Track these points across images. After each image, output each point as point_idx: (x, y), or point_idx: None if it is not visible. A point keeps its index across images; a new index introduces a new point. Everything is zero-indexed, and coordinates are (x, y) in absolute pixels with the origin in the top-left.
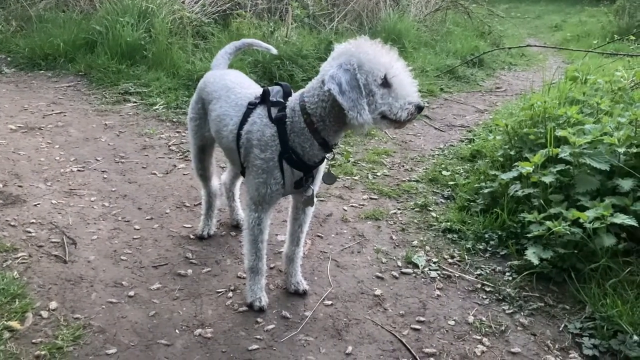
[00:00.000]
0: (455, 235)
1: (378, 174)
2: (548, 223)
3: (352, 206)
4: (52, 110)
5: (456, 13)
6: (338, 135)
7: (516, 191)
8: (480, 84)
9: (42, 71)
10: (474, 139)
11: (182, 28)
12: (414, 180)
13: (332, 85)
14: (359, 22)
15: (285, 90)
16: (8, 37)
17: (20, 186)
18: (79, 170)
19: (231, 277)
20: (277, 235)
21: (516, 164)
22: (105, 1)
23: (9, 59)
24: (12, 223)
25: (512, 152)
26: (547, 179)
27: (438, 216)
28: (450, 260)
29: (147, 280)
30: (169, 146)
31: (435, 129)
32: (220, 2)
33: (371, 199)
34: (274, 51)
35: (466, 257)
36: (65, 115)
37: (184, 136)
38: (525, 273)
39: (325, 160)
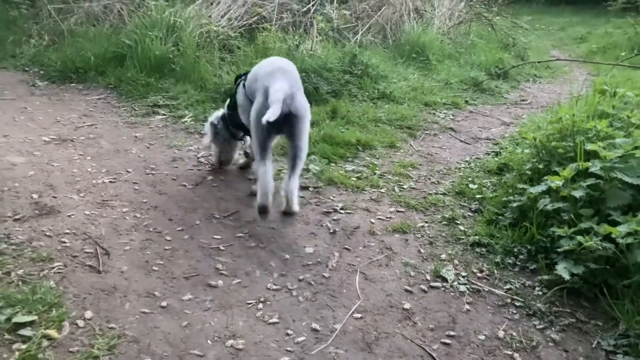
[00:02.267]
0: (483, 249)
1: (405, 186)
2: (579, 238)
3: (379, 219)
4: (84, 123)
5: (480, 25)
6: None
7: (545, 205)
8: (505, 96)
9: (73, 84)
10: (500, 152)
11: (209, 42)
12: (440, 193)
13: None
14: (383, 34)
15: None
16: (41, 51)
17: (54, 197)
18: (110, 182)
19: (261, 289)
20: (305, 247)
21: (545, 177)
22: (135, 15)
23: (41, 72)
24: (48, 233)
25: (541, 166)
26: (578, 193)
27: (466, 229)
28: (479, 274)
29: (179, 291)
30: (198, 158)
31: (461, 141)
32: (247, 16)
33: (398, 211)
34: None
35: (495, 271)
36: (96, 128)
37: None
38: (555, 288)
39: None
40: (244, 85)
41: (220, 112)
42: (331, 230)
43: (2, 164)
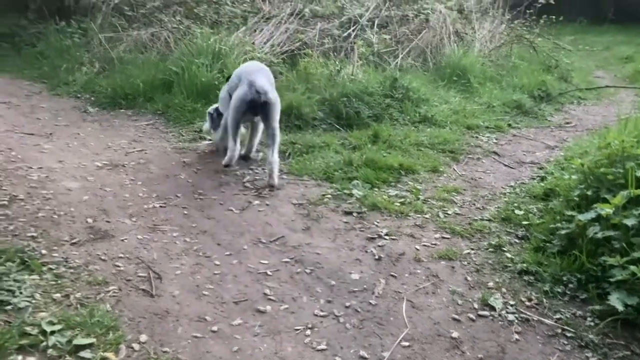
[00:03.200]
0: (531, 277)
1: (449, 212)
2: (632, 268)
3: (424, 245)
4: (134, 148)
5: (521, 47)
6: None
7: (595, 233)
8: (548, 119)
9: (123, 110)
10: (545, 177)
11: None
12: (486, 219)
13: None
14: (423, 58)
15: None
16: (92, 78)
17: (108, 221)
18: (161, 206)
19: (308, 315)
20: (350, 273)
21: (594, 205)
22: (181, 43)
23: (93, 98)
24: (103, 257)
25: (589, 192)
26: (629, 222)
27: (513, 257)
28: (527, 303)
29: (229, 316)
30: (244, 183)
31: (505, 165)
32: (289, 43)
33: (443, 238)
34: None
35: (544, 300)
36: (146, 153)
37: (256, 173)
38: (608, 319)
39: None
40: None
41: (214, 106)
42: (376, 257)
43: (58, 189)
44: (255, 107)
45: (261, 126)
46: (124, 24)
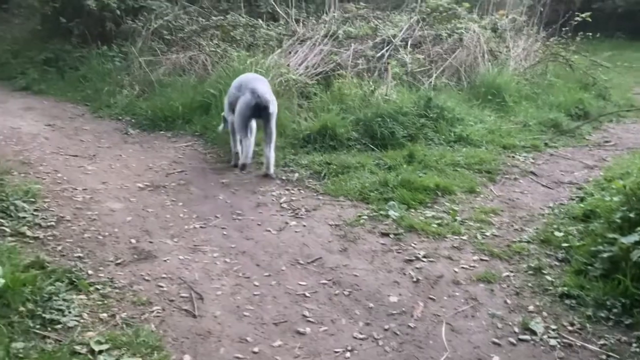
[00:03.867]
0: (573, 301)
1: (487, 233)
2: None
3: (462, 267)
4: (174, 169)
5: (557, 65)
6: None
7: (639, 257)
8: (586, 137)
9: (162, 132)
10: (585, 198)
11: (287, 89)
12: (525, 241)
13: None
14: (457, 77)
15: None
16: (133, 101)
17: (150, 242)
18: (201, 227)
19: (347, 337)
20: (389, 296)
21: (638, 228)
22: (218, 66)
23: (133, 120)
24: (146, 277)
25: (632, 215)
26: None
27: (553, 280)
28: (570, 328)
29: (269, 337)
30: (281, 204)
31: (543, 186)
32: (323, 64)
33: (482, 260)
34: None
35: (587, 325)
36: (186, 174)
37: (293, 194)
38: None
39: None
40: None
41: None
42: (414, 279)
43: (102, 210)
44: (258, 111)
45: (254, 128)
46: (163, 48)
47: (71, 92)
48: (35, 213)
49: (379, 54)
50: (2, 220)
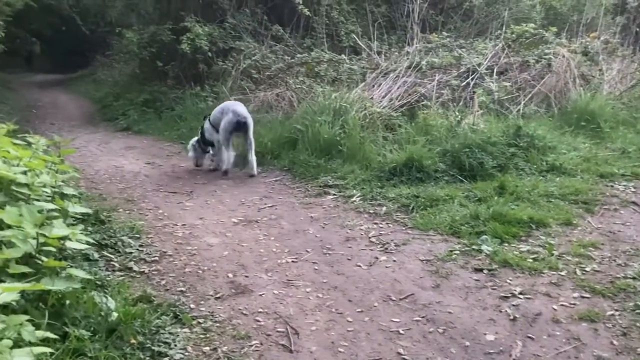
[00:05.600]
0: None
1: (587, 269)
2: None
3: (562, 305)
4: (265, 204)
5: None
6: None
7: None
8: None
9: None
10: None
11: (372, 122)
12: (630, 277)
13: None
14: (547, 103)
15: None
16: None
17: (246, 276)
18: (293, 262)
19: None
20: (485, 334)
21: None
22: (304, 102)
23: None
24: (244, 312)
25: None
26: None
27: None
28: None
29: None
30: (369, 238)
31: None
32: (407, 95)
33: (583, 297)
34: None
35: None
36: (276, 209)
37: (381, 228)
38: None
39: None
40: (209, 120)
41: (195, 138)
42: (511, 317)
43: (201, 245)
44: (239, 127)
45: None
46: (252, 86)
47: (168, 131)
48: (140, 248)
49: (464, 83)
50: (111, 256)
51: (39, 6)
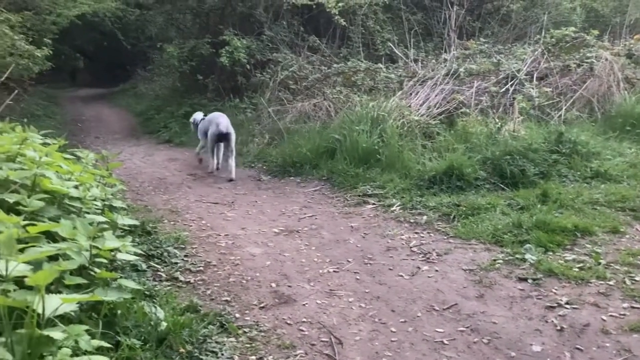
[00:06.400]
0: None
1: (636, 278)
2: None
3: (611, 315)
4: (305, 214)
5: None
6: None
7: None
8: None
9: (292, 177)
10: None
11: (410, 131)
12: None
13: None
14: (589, 108)
15: None
16: (263, 149)
17: (289, 286)
18: (334, 271)
19: None
20: (531, 345)
21: None
22: (341, 112)
23: (265, 167)
24: (288, 321)
25: None
26: None
27: None
28: None
29: None
30: (411, 247)
31: None
32: (445, 103)
33: (633, 307)
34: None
35: None
36: (316, 218)
37: (422, 237)
38: None
39: None
40: (197, 125)
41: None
42: (558, 327)
43: (244, 255)
44: (221, 137)
45: (222, 148)
46: (289, 97)
47: None
48: (185, 259)
49: (503, 90)
50: (158, 266)
51: (83, 23)
